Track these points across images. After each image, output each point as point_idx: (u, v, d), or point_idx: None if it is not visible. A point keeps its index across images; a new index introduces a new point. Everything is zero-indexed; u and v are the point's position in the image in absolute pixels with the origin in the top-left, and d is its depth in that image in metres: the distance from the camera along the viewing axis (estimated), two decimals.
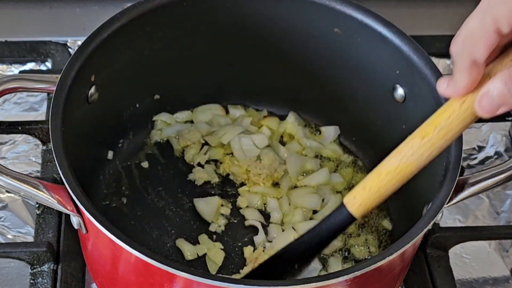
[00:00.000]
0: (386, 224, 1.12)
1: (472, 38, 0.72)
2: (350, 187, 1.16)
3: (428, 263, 1.10)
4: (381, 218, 1.13)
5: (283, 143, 1.20)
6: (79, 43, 1.18)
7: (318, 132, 1.22)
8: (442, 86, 0.77)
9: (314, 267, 1.06)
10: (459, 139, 0.95)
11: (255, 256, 1.06)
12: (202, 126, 1.20)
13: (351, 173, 1.18)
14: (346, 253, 1.09)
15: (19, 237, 1.11)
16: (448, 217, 1.17)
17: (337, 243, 1.09)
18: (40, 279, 1.05)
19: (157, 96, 1.17)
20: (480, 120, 1.24)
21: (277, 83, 1.19)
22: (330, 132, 1.21)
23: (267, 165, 1.14)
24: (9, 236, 1.11)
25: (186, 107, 1.21)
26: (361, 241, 1.10)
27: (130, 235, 0.90)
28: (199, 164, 1.17)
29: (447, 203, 0.91)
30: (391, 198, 1.13)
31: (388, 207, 1.14)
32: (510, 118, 1.22)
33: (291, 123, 1.20)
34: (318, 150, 1.19)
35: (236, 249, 1.09)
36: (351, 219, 0.85)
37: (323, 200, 1.13)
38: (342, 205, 0.85)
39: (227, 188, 1.15)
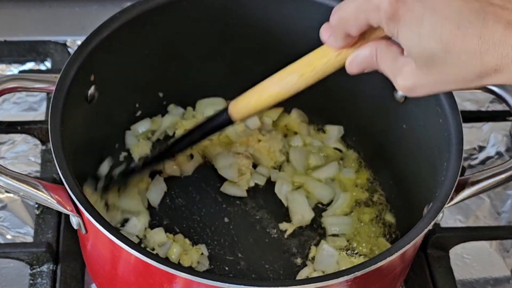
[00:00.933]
0: (390, 217, 1.13)
1: (346, 21, 0.80)
2: (357, 185, 1.17)
3: (429, 263, 1.10)
4: (385, 212, 1.13)
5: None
6: (79, 42, 1.17)
7: (322, 132, 1.21)
8: (325, 34, 0.86)
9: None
10: (460, 140, 0.95)
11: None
12: None
13: (356, 169, 1.18)
14: (350, 251, 1.09)
15: (18, 237, 1.11)
16: (449, 217, 1.17)
17: (342, 242, 1.09)
18: (39, 279, 1.05)
19: (160, 94, 1.17)
20: (480, 120, 1.27)
21: None
22: (334, 131, 1.20)
23: (268, 139, 1.16)
24: (8, 237, 1.11)
25: (184, 108, 1.21)
26: (365, 238, 1.10)
27: None
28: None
29: (447, 203, 0.90)
30: (392, 198, 1.15)
31: (391, 206, 1.14)
32: (511, 118, 1.21)
33: (294, 120, 1.20)
34: (321, 148, 1.19)
35: None
36: (231, 122, 1.01)
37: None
38: (226, 111, 1.01)
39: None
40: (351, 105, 1.17)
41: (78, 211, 0.91)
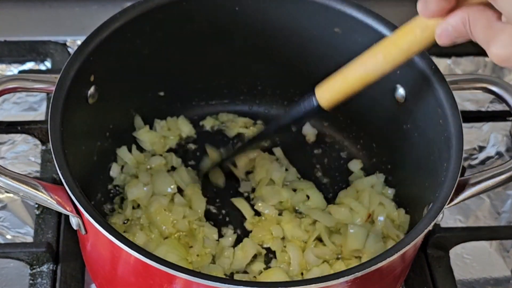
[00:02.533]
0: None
1: None
2: None
3: (429, 264, 1.10)
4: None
5: None
6: (79, 42, 1.18)
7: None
8: (420, 3, 0.82)
9: None
10: (460, 140, 0.95)
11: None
12: None
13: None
14: None
15: (18, 237, 1.11)
16: (449, 217, 1.17)
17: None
18: (39, 279, 1.05)
19: (161, 93, 1.17)
20: (480, 120, 1.27)
21: (278, 82, 1.19)
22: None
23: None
24: (8, 237, 1.11)
25: (185, 108, 1.21)
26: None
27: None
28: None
29: (448, 204, 0.91)
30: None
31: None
32: (511, 118, 1.21)
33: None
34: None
35: None
36: (319, 110, 0.99)
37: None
38: (313, 97, 0.98)
39: None
40: (350, 106, 1.16)
41: (78, 212, 0.91)
